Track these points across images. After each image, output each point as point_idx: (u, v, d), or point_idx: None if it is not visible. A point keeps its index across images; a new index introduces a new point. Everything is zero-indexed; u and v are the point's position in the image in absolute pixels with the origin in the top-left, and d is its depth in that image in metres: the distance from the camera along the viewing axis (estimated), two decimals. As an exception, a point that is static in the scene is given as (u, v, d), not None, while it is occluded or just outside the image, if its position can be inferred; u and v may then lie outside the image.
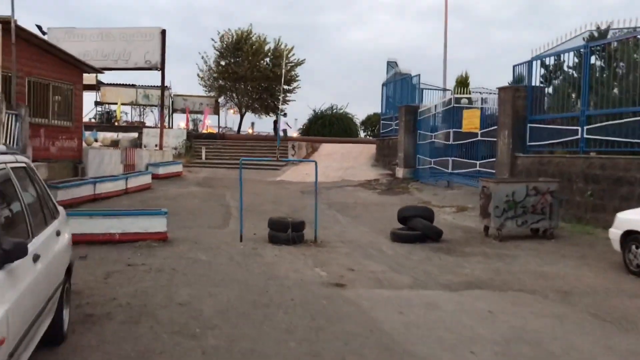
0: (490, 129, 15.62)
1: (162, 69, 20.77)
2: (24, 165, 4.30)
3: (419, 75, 20.52)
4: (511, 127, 14.00)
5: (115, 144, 23.35)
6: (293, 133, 48.76)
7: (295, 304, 6.02)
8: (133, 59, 20.65)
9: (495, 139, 15.10)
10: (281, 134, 31.85)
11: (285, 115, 34.01)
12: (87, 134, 21.80)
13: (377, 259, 8.65)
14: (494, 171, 15.14)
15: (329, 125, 41.31)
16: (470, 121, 16.54)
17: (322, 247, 9.40)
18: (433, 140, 18.86)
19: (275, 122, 33.96)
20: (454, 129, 17.37)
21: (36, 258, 3.63)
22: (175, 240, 9.49)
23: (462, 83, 32.54)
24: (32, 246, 3.61)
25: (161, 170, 19.54)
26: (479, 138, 16.07)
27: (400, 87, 22.19)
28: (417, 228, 10.03)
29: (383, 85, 24.55)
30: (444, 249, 9.52)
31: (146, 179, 17.06)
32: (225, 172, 22.95)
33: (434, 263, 8.45)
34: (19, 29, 13.08)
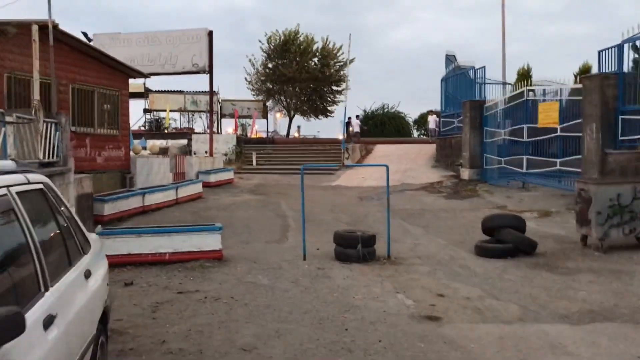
0: (571, 122, 13.98)
1: (210, 72, 19.94)
2: (40, 186, 3.24)
3: (484, 67, 18.97)
4: (599, 119, 12.36)
5: (164, 151, 22.71)
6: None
7: (386, 349, 4.80)
8: (180, 62, 19.92)
9: (578, 134, 13.49)
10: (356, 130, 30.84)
11: (357, 116, 32.87)
12: (135, 142, 21.20)
13: (466, 279, 7.32)
14: (578, 170, 13.52)
15: (381, 126, 39.99)
16: (547, 115, 14.91)
17: (398, 264, 8.13)
18: (503, 137, 17.27)
19: (348, 123, 32.86)
20: (527, 125, 15.75)
21: (49, 322, 2.53)
22: (231, 259, 8.43)
23: (525, 76, 30.65)
24: (42, 307, 2.52)
25: (212, 178, 18.68)
26: (559, 134, 14.43)
27: (463, 81, 20.63)
28: (506, 240, 8.63)
29: (442, 80, 23.03)
30: (541, 264, 8.09)
31: (197, 188, 16.19)
32: (278, 179, 21.96)
33: (537, 284, 7.05)
34: (61, 33, 12.39)
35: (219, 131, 35.09)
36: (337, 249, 8.44)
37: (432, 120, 31.63)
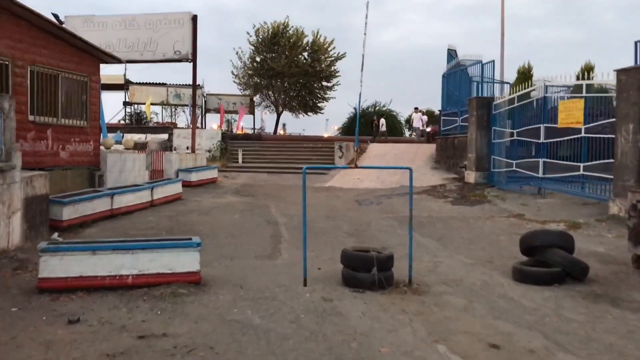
0: (599, 122, 12.46)
1: (194, 60, 18.10)
2: None
3: (493, 61, 17.39)
4: (639, 119, 10.84)
5: (142, 147, 20.83)
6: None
7: None
8: (161, 49, 18.06)
9: (607, 136, 11.98)
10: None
11: (382, 115, 31.62)
12: (110, 136, 19.31)
13: (517, 318, 5.66)
14: (605, 175, 12.02)
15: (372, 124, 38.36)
16: (570, 114, 13.36)
17: (423, 294, 6.46)
18: (515, 138, 15.71)
19: (373, 122, 31.57)
20: (545, 124, 14.20)
21: None
22: (212, 282, 6.71)
23: (525, 74, 29.24)
24: None
25: (194, 177, 16.89)
26: (583, 134, 12.87)
27: (467, 77, 19.04)
28: (553, 262, 7.00)
29: (443, 76, 21.42)
30: (601, 295, 6.47)
31: (176, 188, 14.39)
32: (266, 178, 20.23)
33: (610, 327, 5.42)
34: (19, 7, 10.55)
35: (204, 126, 33.24)
36: (345, 272, 6.73)
37: (416, 118, 30.45)
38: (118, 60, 14.11)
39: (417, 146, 25.33)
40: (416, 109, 31.02)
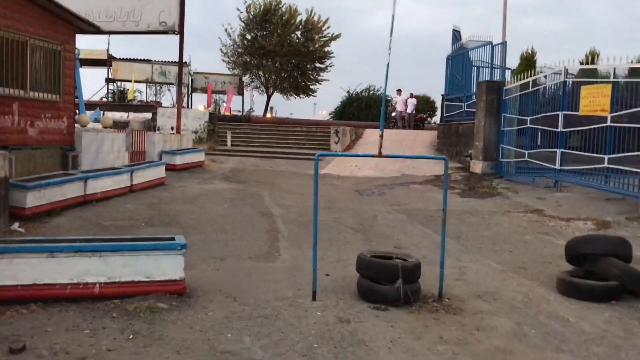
0: (631, 110, 11.32)
1: (181, 33, 16.62)
2: None
3: (505, 43, 16.15)
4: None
5: (124, 126, 19.39)
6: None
7: None
8: (145, 19, 16.56)
9: (636, 125, 10.87)
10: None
11: (412, 94, 29.12)
12: (88, 113, 17.85)
13: (582, 350, 4.50)
14: (633, 169, 10.91)
15: (366, 109, 37.10)
16: (594, 101, 12.20)
17: (460, 313, 5.26)
18: (528, 126, 14.54)
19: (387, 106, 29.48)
20: (564, 111, 13.04)
21: None
22: (199, 291, 5.47)
23: (528, 60, 28.03)
24: None
25: (178, 160, 15.53)
26: (609, 124, 11.73)
27: (478, 57, 17.79)
28: (608, 274, 5.85)
29: (447, 59, 20.15)
30: (672, 317, 5.34)
31: (159, 172, 13.06)
32: (257, 163, 18.92)
33: None
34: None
35: (190, 107, 31.73)
36: (363, 283, 5.52)
37: (400, 102, 28.11)
38: (96, 29, 12.63)
39: (415, 133, 24.12)
40: (399, 90, 29.28)
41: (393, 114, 28.90)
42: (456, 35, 20.50)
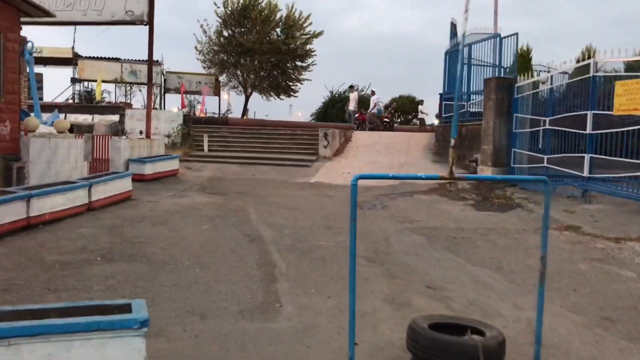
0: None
1: (150, 23, 14.57)
2: None
3: (517, 34, 14.48)
4: None
5: (86, 130, 17.24)
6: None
7: None
8: (109, 8, 14.47)
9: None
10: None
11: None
12: (45, 116, 15.68)
13: None
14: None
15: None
16: (632, 98, 10.57)
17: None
18: (548, 127, 12.88)
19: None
20: (593, 111, 11.39)
21: None
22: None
23: (523, 57, 26.52)
24: None
25: (148, 169, 13.50)
26: (651, 124, 10.11)
27: (483, 52, 16.09)
28: None
29: (446, 54, 18.43)
30: None
31: (124, 185, 11.03)
32: (238, 171, 16.95)
33: None
34: None
35: (163, 108, 29.58)
36: (422, 370, 3.64)
37: (352, 100, 26.42)
38: (46, 13, 10.53)
39: (408, 135, 22.39)
40: (351, 87, 27.66)
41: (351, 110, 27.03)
42: (454, 29, 18.81)
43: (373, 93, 26.86)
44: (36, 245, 7.38)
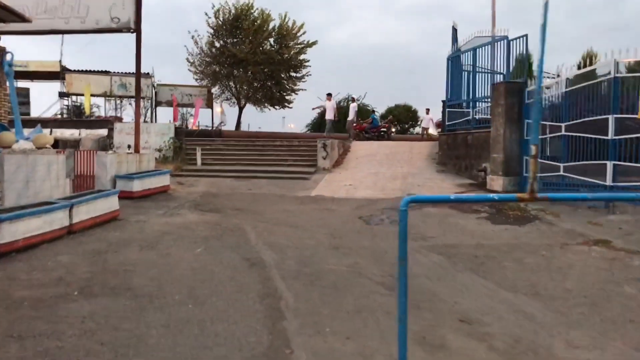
0: None
1: (138, 30, 13.70)
2: None
3: (526, 35, 13.73)
4: None
5: (72, 144, 16.30)
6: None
7: None
8: (93, 15, 13.60)
9: None
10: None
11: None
12: (27, 131, 14.74)
13: None
14: None
15: (345, 119, 34.48)
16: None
17: None
18: (564, 133, 12.09)
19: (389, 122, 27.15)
20: (615, 115, 10.62)
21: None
22: None
23: (522, 62, 25.85)
24: None
25: (137, 186, 12.58)
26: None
27: (489, 56, 15.30)
28: None
29: (448, 59, 17.66)
30: None
31: (110, 204, 10.10)
32: (233, 185, 16.05)
33: None
34: None
35: (154, 121, 28.68)
36: None
37: (329, 108, 25.24)
38: (20, 18, 9.65)
39: (409, 144, 21.59)
40: (329, 95, 27.15)
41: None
42: (455, 34, 18.07)
43: (353, 100, 26.22)
44: (5, 278, 6.44)
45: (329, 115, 24.79)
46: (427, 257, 7.94)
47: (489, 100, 14.92)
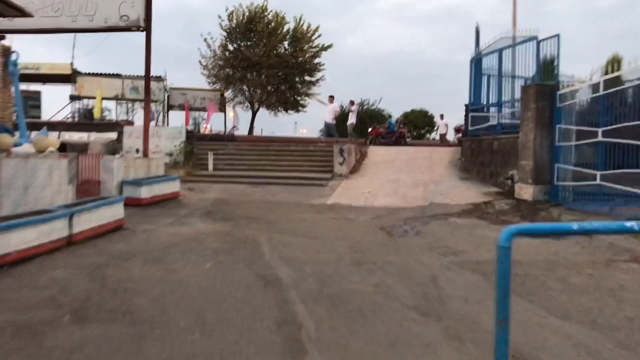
0: None
1: (148, 29, 13.08)
2: None
3: (557, 36, 12.91)
4: None
5: (80, 148, 15.71)
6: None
7: None
8: (101, 13, 13.01)
9: None
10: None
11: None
12: (33, 134, 14.16)
13: None
14: None
15: (361, 124, 33.74)
16: None
17: None
18: (601, 140, 11.24)
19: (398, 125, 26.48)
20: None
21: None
22: None
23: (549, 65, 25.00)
24: None
25: (145, 192, 11.92)
26: None
27: (520, 57, 14.48)
28: None
29: (472, 61, 16.86)
30: None
31: (114, 212, 9.43)
32: (247, 191, 15.35)
33: None
34: None
35: (167, 125, 28.12)
36: None
37: (330, 111, 25.20)
38: (20, 12, 9.02)
39: (429, 150, 20.78)
40: (331, 97, 26.47)
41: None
42: (479, 35, 17.28)
43: (352, 103, 25.49)
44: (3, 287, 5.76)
45: (328, 119, 24.58)
46: (461, 276, 7.14)
47: (515, 104, 14.11)
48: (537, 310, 5.76)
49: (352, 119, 25.03)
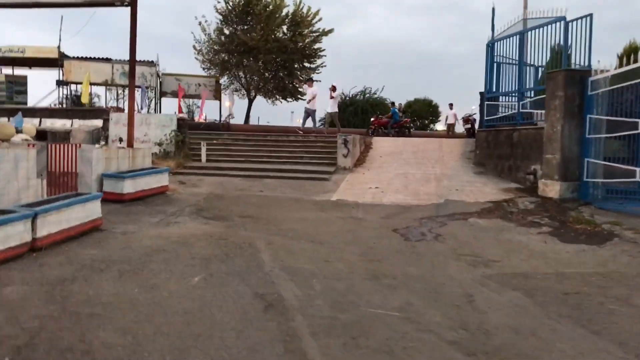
0: None
1: (133, 3, 11.74)
2: None
3: (590, 15, 11.62)
4: None
5: (62, 136, 14.39)
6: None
7: None
8: (81, -14, 11.69)
9: None
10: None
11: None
12: (3, 120, 12.80)
13: None
14: None
15: (362, 114, 32.54)
16: None
17: None
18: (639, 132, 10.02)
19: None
20: None
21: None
22: None
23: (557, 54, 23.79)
24: None
25: (128, 187, 10.63)
26: None
27: (543, 41, 13.18)
28: None
29: (488, 45, 15.53)
30: None
31: (89, 211, 8.15)
32: (242, 185, 14.06)
33: None
34: None
35: (159, 113, 26.71)
36: None
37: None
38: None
39: (437, 141, 19.52)
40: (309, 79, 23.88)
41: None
42: (493, 17, 15.95)
43: (333, 89, 21.47)
44: None
45: (309, 104, 20.82)
46: (501, 295, 5.90)
47: (537, 92, 12.87)
48: (609, 347, 4.53)
49: (333, 107, 21.67)
